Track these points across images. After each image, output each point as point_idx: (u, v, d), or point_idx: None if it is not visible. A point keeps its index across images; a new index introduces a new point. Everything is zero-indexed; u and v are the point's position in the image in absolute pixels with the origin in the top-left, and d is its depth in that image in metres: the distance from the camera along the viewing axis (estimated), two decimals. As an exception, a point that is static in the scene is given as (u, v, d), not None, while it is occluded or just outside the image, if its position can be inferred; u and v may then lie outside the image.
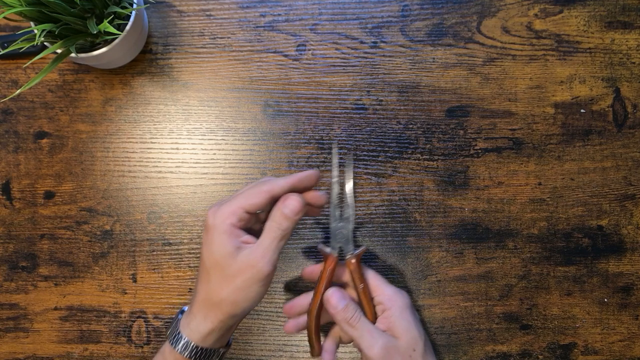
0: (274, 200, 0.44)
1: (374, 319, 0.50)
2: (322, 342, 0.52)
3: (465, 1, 0.60)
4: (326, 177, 0.58)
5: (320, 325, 0.51)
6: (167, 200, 0.59)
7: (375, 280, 0.51)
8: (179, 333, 0.44)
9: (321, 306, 0.50)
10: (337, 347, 0.52)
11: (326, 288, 0.49)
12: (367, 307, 0.50)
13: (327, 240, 0.58)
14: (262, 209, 0.45)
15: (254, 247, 0.43)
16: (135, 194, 0.59)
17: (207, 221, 0.44)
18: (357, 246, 0.50)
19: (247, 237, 0.44)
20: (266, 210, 0.46)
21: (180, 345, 0.44)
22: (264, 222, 0.45)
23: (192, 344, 0.44)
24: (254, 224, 0.47)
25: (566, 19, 0.60)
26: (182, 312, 0.47)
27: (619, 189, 0.59)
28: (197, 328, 0.44)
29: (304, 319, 0.51)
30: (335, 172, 0.50)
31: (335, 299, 0.48)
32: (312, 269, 0.52)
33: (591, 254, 0.58)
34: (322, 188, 0.58)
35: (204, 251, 0.44)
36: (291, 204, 0.43)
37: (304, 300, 0.51)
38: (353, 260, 0.50)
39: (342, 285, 0.52)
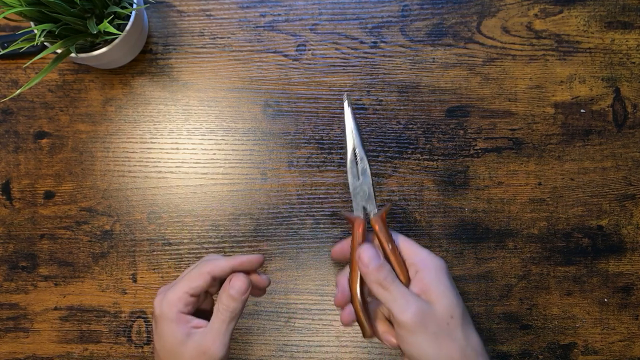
0: (216, 281, 0.45)
1: (407, 281, 0.44)
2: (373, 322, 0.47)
3: (465, 1, 0.60)
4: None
5: (368, 299, 0.47)
6: (167, 200, 0.59)
7: (406, 242, 0.46)
8: None
9: (362, 279, 0.45)
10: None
11: None
12: (399, 270, 0.45)
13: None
14: (206, 289, 0.45)
15: (205, 332, 0.43)
16: (135, 194, 0.59)
17: (154, 311, 0.44)
18: (380, 205, 0.47)
19: (197, 322, 0.44)
20: (210, 290, 0.46)
21: None
22: (214, 294, 0.45)
23: None
24: (202, 304, 0.47)
25: (566, 19, 0.60)
26: None
27: (619, 189, 0.59)
28: None
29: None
30: (349, 124, 0.47)
31: (367, 256, 0.44)
32: (342, 246, 0.48)
33: (591, 254, 0.58)
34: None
35: (155, 342, 0.44)
36: (237, 285, 0.43)
37: (345, 282, 0.47)
38: (378, 219, 0.46)
39: None
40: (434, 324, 0.41)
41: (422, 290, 0.43)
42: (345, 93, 0.49)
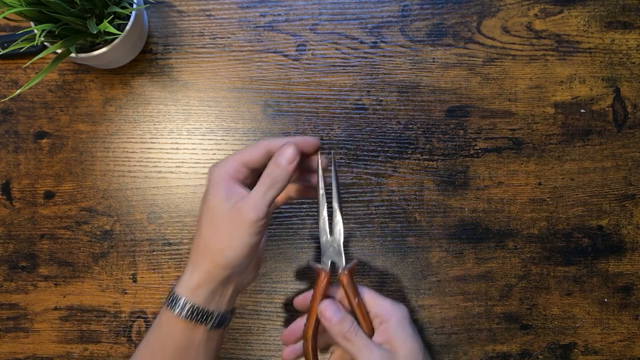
0: (270, 156, 0.44)
1: (371, 333, 0.48)
2: None
3: (465, 1, 0.60)
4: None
5: (319, 348, 0.49)
6: (167, 200, 0.59)
7: (370, 294, 0.48)
8: (171, 291, 0.43)
9: (317, 326, 0.48)
10: None
11: None
12: (363, 321, 0.48)
13: (318, 257, 0.58)
14: (259, 164, 0.44)
15: (244, 195, 0.42)
16: (135, 194, 0.59)
17: (208, 174, 0.44)
18: (348, 260, 0.49)
19: (240, 189, 0.43)
20: (264, 167, 0.45)
21: (171, 302, 0.42)
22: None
23: (182, 299, 0.42)
24: (250, 181, 0.46)
25: (566, 19, 0.60)
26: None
27: (619, 189, 0.59)
28: (187, 282, 0.42)
29: (301, 344, 0.49)
30: (321, 183, 0.47)
31: (330, 311, 0.46)
32: (304, 297, 0.50)
33: (591, 254, 0.58)
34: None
35: (201, 204, 0.44)
36: (285, 152, 0.43)
37: (302, 323, 0.49)
38: (345, 274, 0.48)
39: None
40: None
41: (386, 340, 0.46)
42: (326, 155, 0.48)
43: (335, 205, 0.48)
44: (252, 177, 0.45)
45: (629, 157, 0.59)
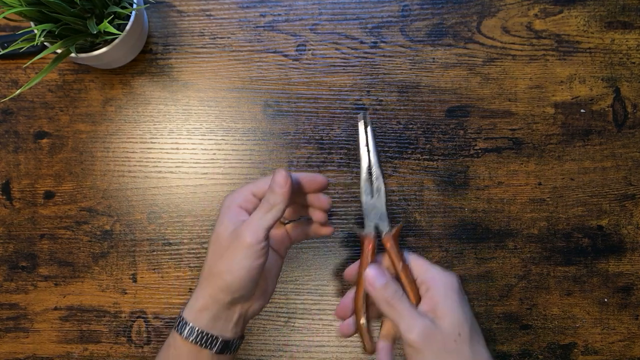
0: None
1: (417, 300, 0.45)
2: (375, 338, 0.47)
3: (465, 1, 0.60)
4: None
5: (372, 319, 0.47)
6: (167, 200, 0.59)
7: (418, 260, 0.46)
8: (180, 316, 0.44)
9: (367, 296, 0.45)
10: (394, 343, 0.47)
11: None
12: (409, 288, 0.45)
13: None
14: None
15: (244, 221, 0.43)
16: (135, 194, 0.59)
17: (222, 203, 0.46)
18: (393, 223, 0.47)
19: (245, 216, 0.44)
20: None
21: (178, 325, 0.43)
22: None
23: (188, 324, 0.42)
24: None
25: (566, 19, 0.60)
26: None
27: (619, 189, 0.59)
28: (191, 305, 0.43)
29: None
30: (362, 139, 0.46)
31: (372, 275, 0.44)
32: (353, 266, 0.48)
33: (591, 254, 0.58)
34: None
35: (212, 232, 0.45)
36: (276, 177, 0.43)
37: (352, 295, 0.48)
38: (389, 238, 0.46)
39: None
40: (441, 342, 0.41)
41: (431, 308, 0.43)
42: (362, 112, 0.48)
43: (375, 166, 0.47)
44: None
45: (629, 157, 0.59)
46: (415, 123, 0.59)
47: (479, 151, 0.59)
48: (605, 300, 0.58)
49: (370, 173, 0.47)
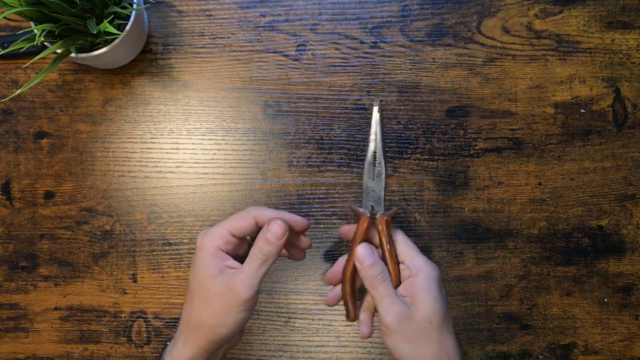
0: (259, 227, 0.45)
1: (397, 282, 0.47)
2: (358, 308, 0.51)
3: (465, 1, 0.60)
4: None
5: (358, 289, 0.50)
6: (167, 200, 0.59)
7: (405, 246, 0.48)
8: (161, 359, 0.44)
9: (355, 269, 0.48)
10: (373, 316, 0.51)
11: None
12: (392, 270, 0.47)
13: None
14: (248, 234, 0.45)
15: (236, 272, 0.43)
16: (135, 194, 0.59)
17: (197, 243, 0.44)
18: (388, 208, 0.50)
19: (232, 262, 0.44)
20: (252, 236, 0.46)
21: None
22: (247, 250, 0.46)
23: None
24: (239, 251, 0.47)
25: (566, 19, 0.60)
26: (170, 340, 0.47)
27: (619, 189, 0.59)
28: (177, 356, 0.43)
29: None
30: (373, 126, 0.49)
31: (362, 253, 0.47)
32: (349, 228, 0.50)
33: (591, 254, 0.58)
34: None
35: (190, 273, 0.45)
36: (274, 229, 0.43)
37: (342, 263, 0.50)
38: (382, 221, 0.48)
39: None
40: (413, 327, 0.44)
41: (410, 294, 0.46)
42: (379, 99, 0.50)
43: (380, 153, 0.50)
44: (239, 247, 0.46)
45: (629, 157, 0.59)
46: (415, 123, 0.59)
47: (479, 151, 0.59)
48: (605, 300, 0.58)
49: (375, 158, 0.49)
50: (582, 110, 0.59)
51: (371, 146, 0.50)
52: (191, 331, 0.43)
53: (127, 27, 0.52)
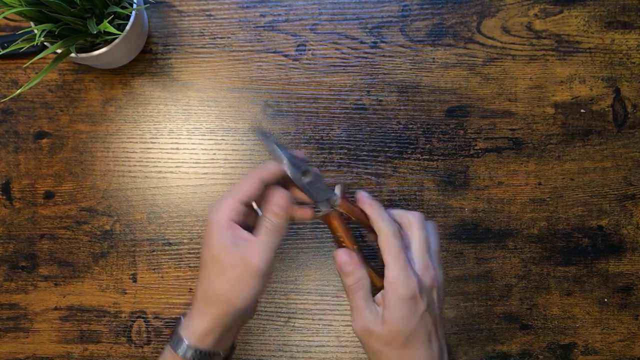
0: (265, 186, 0.46)
1: (380, 280, 0.46)
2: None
3: (465, 1, 0.60)
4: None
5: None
6: (167, 200, 0.59)
7: (385, 252, 0.46)
8: (179, 336, 0.44)
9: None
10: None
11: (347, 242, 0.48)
12: (369, 271, 0.47)
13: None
14: (257, 197, 0.46)
15: (249, 244, 0.43)
16: (135, 194, 0.59)
17: (208, 217, 0.45)
18: (333, 192, 0.48)
19: (244, 233, 0.44)
20: (261, 198, 0.46)
21: (180, 348, 0.43)
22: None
23: (191, 346, 0.43)
24: (249, 220, 0.47)
25: (566, 19, 0.60)
26: (184, 315, 0.47)
27: (619, 189, 0.59)
28: (195, 329, 0.44)
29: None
30: (276, 149, 0.46)
31: (341, 260, 0.47)
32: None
33: (591, 254, 0.58)
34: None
35: (203, 247, 0.45)
36: (278, 201, 0.45)
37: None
38: (334, 215, 0.47)
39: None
40: (376, 340, 0.45)
41: (383, 305, 0.45)
42: (258, 130, 0.50)
43: (293, 159, 0.47)
44: (249, 215, 0.46)
45: (629, 157, 0.59)
46: (415, 123, 0.59)
47: (479, 151, 0.59)
48: (605, 300, 0.58)
49: (293, 163, 0.46)
50: (582, 110, 0.59)
51: (284, 157, 0.46)
52: (207, 303, 0.44)
53: (127, 27, 0.52)
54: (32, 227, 0.59)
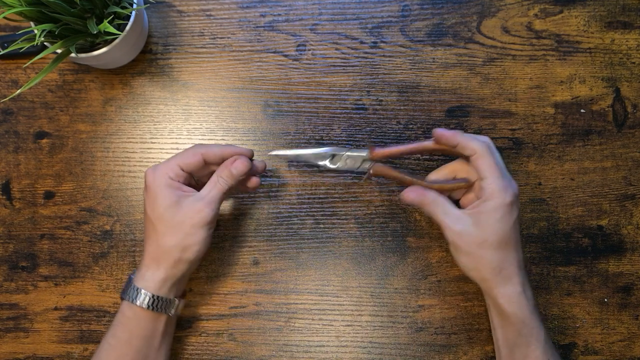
0: (205, 164, 0.50)
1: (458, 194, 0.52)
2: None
3: (465, 1, 0.60)
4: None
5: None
6: (167, 200, 0.59)
7: (487, 166, 0.48)
8: (135, 288, 0.48)
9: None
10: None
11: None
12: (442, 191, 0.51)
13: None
14: (194, 169, 0.49)
15: (198, 195, 0.48)
16: (135, 194, 0.59)
17: (146, 180, 0.48)
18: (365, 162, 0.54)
19: (187, 188, 0.49)
20: (196, 172, 0.50)
21: (138, 298, 0.47)
22: (194, 185, 0.51)
23: (149, 294, 0.47)
24: (187, 183, 0.50)
25: (566, 19, 0.60)
26: (134, 273, 0.50)
27: (619, 189, 0.59)
28: (151, 278, 0.48)
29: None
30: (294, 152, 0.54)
31: (407, 199, 0.50)
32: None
33: (591, 254, 0.58)
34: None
35: (147, 208, 0.48)
36: (239, 165, 0.49)
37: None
38: (375, 164, 0.53)
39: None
40: (468, 243, 0.48)
41: (474, 214, 0.48)
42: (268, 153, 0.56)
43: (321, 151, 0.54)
44: (186, 180, 0.50)
45: (629, 157, 0.59)
46: (415, 123, 0.59)
47: (479, 151, 0.59)
48: (605, 300, 0.58)
49: (316, 158, 0.54)
50: (582, 110, 0.59)
51: (320, 152, 0.54)
52: (162, 256, 0.47)
53: (127, 27, 0.52)
54: (32, 227, 0.59)
